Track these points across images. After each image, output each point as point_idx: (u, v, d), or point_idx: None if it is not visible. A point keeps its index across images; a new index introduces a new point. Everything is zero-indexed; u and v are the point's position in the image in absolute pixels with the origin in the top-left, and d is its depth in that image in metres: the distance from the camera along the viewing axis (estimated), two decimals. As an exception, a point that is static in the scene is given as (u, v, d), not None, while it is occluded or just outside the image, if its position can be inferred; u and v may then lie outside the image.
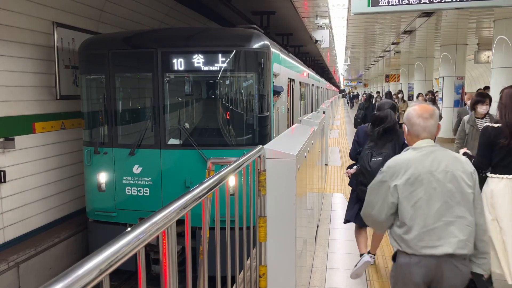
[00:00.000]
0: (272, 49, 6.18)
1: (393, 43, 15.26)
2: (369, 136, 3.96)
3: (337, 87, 64.94)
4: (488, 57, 13.81)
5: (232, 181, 2.12)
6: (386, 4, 5.85)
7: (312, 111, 13.44)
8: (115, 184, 5.97)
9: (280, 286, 2.68)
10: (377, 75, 40.32)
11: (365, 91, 48.07)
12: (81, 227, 6.83)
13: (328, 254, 4.79)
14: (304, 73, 12.64)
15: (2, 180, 5.70)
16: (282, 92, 7.07)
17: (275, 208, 2.64)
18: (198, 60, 5.66)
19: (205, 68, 5.68)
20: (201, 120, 6.45)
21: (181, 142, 5.82)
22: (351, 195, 4.39)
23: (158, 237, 1.27)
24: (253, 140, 5.74)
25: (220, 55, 5.64)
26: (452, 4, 5.68)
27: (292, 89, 9.70)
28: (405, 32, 12.41)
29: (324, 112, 8.05)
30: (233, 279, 2.94)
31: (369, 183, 2.52)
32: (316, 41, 12.96)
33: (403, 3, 5.77)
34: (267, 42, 5.95)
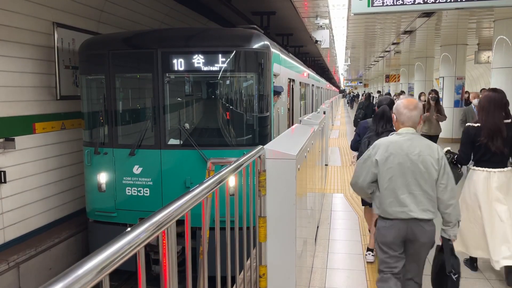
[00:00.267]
0: (272, 49, 6.18)
1: (393, 43, 15.26)
2: (369, 128, 4.30)
3: (337, 87, 64.95)
4: (488, 57, 13.81)
5: (232, 181, 2.12)
6: (386, 4, 5.84)
7: (312, 111, 13.44)
8: (115, 185, 5.97)
9: (280, 287, 2.68)
10: (377, 75, 40.32)
11: (364, 91, 47.99)
12: (81, 227, 6.84)
13: (328, 254, 4.79)
14: (304, 73, 12.64)
15: (2, 181, 5.70)
16: (282, 92, 7.07)
17: (275, 208, 2.64)
18: (198, 60, 5.66)
19: (205, 68, 5.68)
20: (201, 120, 6.45)
21: (181, 142, 5.82)
22: None
23: (158, 237, 1.27)
24: (253, 140, 5.74)
25: (220, 55, 5.64)
26: (452, 4, 5.67)
27: (292, 89, 9.70)
28: (405, 32, 12.41)
29: (324, 112, 8.05)
30: (233, 279, 2.94)
31: None
32: (316, 41, 12.96)
33: (403, 3, 5.77)
34: (267, 42, 5.95)
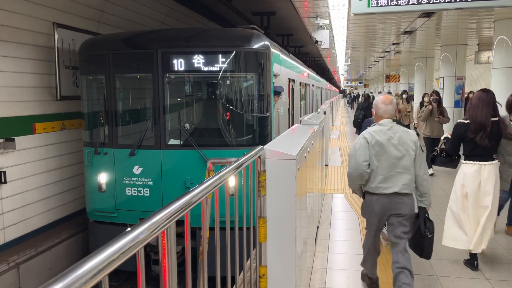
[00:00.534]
0: (272, 50, 6.18)
1: (394, 44, 15.24)
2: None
3: (338, 87, 64.94)
4: (489, 57, 13.80)
5: (232, 181, 2.12)
6: (386, 5, 5.84)
7: (312, 112, 13.43)
8: (115, 185, 5.97)
9: (280, 287, 2.68)
10: (377, 75, 40.30)
11: (364, 91, 47.95)
12: (81, 227, 6.84)
13: (328, 254, 4.79)
14: (304, 73, 12.64)
15: (3, 181, 5.70)
16: (282, 93, 7.07)
17: (275, 209, 2.64)
18: (198, 60, 5.66)
19: (205, 69, 5.69)
20: (201, 121, 6.45)
21: (181, 142, 5.82)
22: None
23: (158, 237, 1.27)
24: (253, 141, 5.74)
25: (220, 55, 5.64)
26: (452, 5, 5.67)
27: (292, 89, 9.70)
28: (406, 32, 12.40)
29: (325, 113, 8.05)
30: (233, 280, 2.94)
31: None
32: (316, 41, 12.95)
33: (403, 3, 5.77)
34: (267, 43, 5.95)
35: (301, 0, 9.22)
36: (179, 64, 5.70)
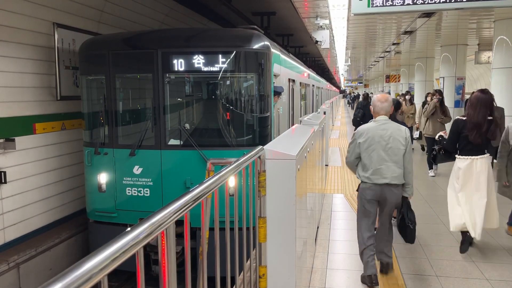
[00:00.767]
0: (272, 50, 6.18)
1: (394, 44, 15.24)
2: None
3: (338, 87, 64.92)
4: (489, 57, 13.80)
5: (232, 181, 2.12)
6: (386, 5, 5.84)
7: (312, 112, 13.43)
8: (115, 185, 5.97)
9: (280, 287, 2.68)
10: (377, 75, 40.30)
11: (365, 91, 47.89)
12: (81, 227, 6.84)
13: (328, 254, 4.79)
14: (304, 73, 12.64)
15: (3, 181, 5.70)
16: (282, 93, 7.07)
17: (275, 209, 2.64)
18: (198, 60, 5.66)
19: (205, 69, 5.69)
20: (201, 121, 6.45)
21: (181, 142, 5.82)
22: None
23: (157, 237, 1.27)
24: (253, 141, 5.75)
25: (220, 55, 5.64)
26: (452, 5, 5.67)
27: (293, 89, 9.70)
28: (406, 32, 12.40)
29: (325, 113, 8.05)
30: (233, 280, 2.94)
31: None
32: (317, 41, 12.95)
33: (403, 3, 5.77)
34: (267, 43, 5.96)
35: (301, 0, 9.22)
36: (179, 64, 5.70)
